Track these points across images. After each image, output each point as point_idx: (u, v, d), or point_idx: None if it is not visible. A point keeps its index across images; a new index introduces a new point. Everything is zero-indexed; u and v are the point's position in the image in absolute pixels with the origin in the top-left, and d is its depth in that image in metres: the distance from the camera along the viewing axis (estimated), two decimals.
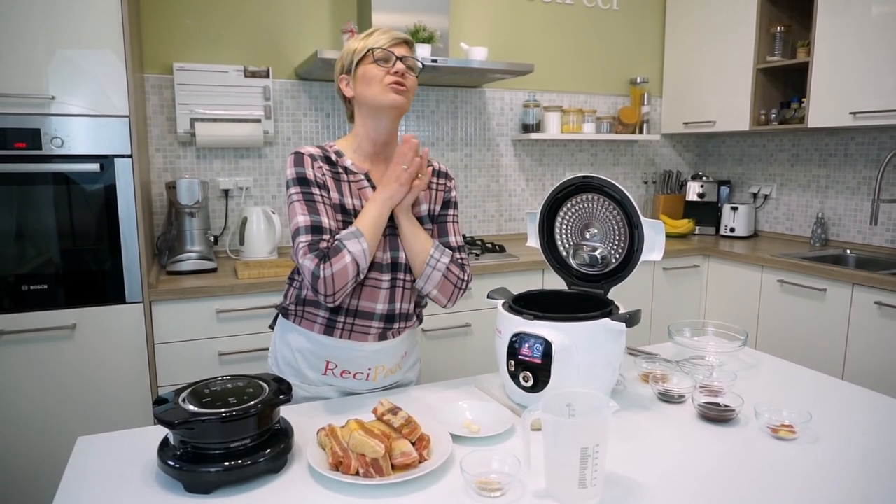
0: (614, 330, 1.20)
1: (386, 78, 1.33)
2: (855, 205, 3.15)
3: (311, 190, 1.31)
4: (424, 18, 2.80)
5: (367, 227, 1.29)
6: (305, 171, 1.32)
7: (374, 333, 1.38)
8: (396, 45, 1.36)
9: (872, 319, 2.43)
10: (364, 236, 1.27)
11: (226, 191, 2.81)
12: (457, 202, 1.50)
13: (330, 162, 1.37)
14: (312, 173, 1.32)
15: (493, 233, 3.44)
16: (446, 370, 2.65)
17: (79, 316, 2.06)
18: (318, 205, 1.30)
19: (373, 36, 1.36)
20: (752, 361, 1.59)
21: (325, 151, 1.38)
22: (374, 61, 1.33)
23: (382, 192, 1.31)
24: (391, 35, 1.36)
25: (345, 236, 1.27)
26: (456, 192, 1.50)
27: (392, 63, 1.34)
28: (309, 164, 1.32)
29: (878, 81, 2.63)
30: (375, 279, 1.35)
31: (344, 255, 1.24)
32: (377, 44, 1.34)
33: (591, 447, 0.90)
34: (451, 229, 1.47)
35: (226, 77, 2.70)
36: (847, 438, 1.16)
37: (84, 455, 1.09)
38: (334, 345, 1.38)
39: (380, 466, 0.98)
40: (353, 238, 1.26)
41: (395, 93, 1.33)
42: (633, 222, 1.33)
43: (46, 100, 1.94)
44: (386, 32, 1.36)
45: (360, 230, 1.28)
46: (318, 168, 1.33)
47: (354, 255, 1.25)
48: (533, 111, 3.29)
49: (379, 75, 1.33)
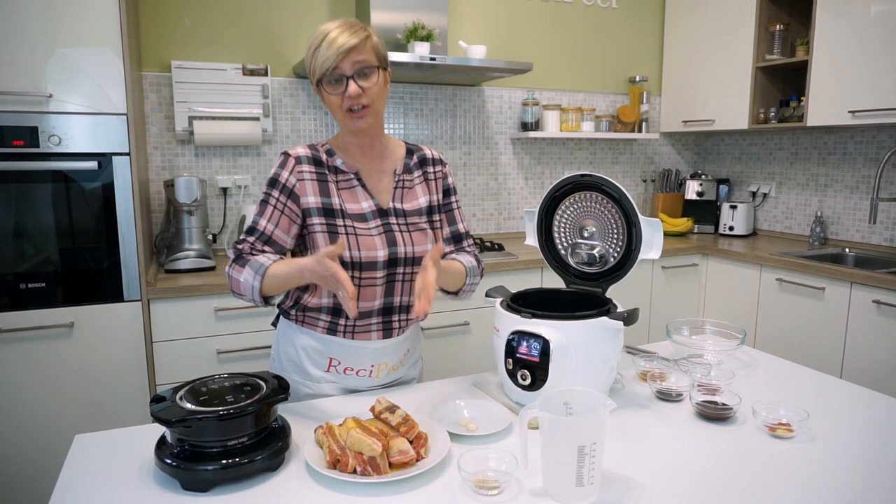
0: (612, 328, 1.21)
1: (343, 104, 1.28)
2: (854, 203, 3.15)
3: (271, 192, 1.32)
4: (423, 16, 2.79)
5: (272, 273, 1.24)
6: (281, 172, 1.32)
7: (376, 330, 1.38)
8: (343, 59, 1.25)
9: (871, 318, 2.44)
10: (262, 278, 1.24)
11: (224, 189, 2.81)
12: (455, 186, 1.51)
13: (318, 163, 1.35)
14: (286, 176, 1.32)
15: (491, 231, 3.44)
16: (444, 369, 2.65)
17: (77, 314, 2.06)
18: (267, 206, 1.31)
19: (318, 54, 1.26)
20: (749, 360, 1.60)
21: (315, 152, 1.36)
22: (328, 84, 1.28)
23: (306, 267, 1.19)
24: (335, 50, 1.24)
25: (253, 264, 1.26)
26: (451, 175, 1.49)
27: (344, 87, 1.27)
28: (289, 167, 1.32)
29: (876, 80, 2.63)
30: (370, 277, 1.34)
31: (241, 273, 1.27)
32: (322, 69, 1.26)
33: (589, 445, 0.90)
34: (458, 216, 1.50)
35: (224, 75, 2.69)
36: (845, 437, 1.16)
37: (81, 453, 1.09)
38: (338, 342, 1.38)
39: (377, 465, 0.98)
40: (252, 272, 1.25)
41: (355, 120, 1.30)
42: (631, 221, 1.33)
43: (44, 98, 1.94)
44: (331, 43, 1.25)
45: (264, 270, 1.24)
46: (298, 172, 1.32)
47: (243, 282, 1.27)
48: (532, 109, 3.28)
49: (337, 102, 1.29)
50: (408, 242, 1.37)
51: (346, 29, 1.27)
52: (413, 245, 1.37)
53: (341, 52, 1.25)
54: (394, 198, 1.40)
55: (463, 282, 1.43)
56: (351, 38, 1.25)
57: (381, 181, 1.40)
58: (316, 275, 1.18)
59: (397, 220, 1.38)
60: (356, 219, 1.34)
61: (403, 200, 1.41)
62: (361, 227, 1.33)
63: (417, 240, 1.38)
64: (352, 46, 1.25)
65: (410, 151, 1.46)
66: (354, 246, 1.31)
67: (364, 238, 1.32)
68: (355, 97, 1.27)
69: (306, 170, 1.33)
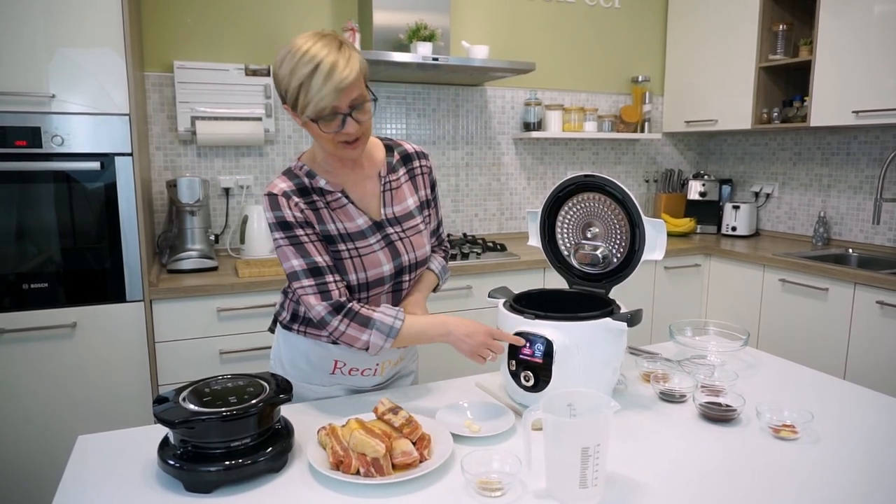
0: (615, 329, 1.20)
1: (336, 137, 1.20)
2: (857, 204, 3.14)
3: (295, 233, 1.24)
4: (425, 17, 2.79)
5: (406, 335, 1.24)
6: (283, 213, 1.23)
7: None
8: (341, 97, 1.15)
9: (874, 319, 2.43)
10: (394, 341, 1.23)
11: (226, 189, 2.81)
12: (436, 178, 1.51)
13: (304, 192, 1.27)
14: (291, 214, 1.24)
15: (493, 231, 3.44)
16: (446, 369, 2.64)
17: (79, 314, 2.06)
18: (306, 245, 1.24)
19: (310, 91, 1.14)
20: (753, 361, 1.59)
21: (296, 179, 1.28)
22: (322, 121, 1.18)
23: (453, 332, 1.23)
24: (333, 88, 1.13)
25: (380, 325, 1.22)
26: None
27: (340, 124, 1.18)
28: (285, 205, 1.23)
29: (880, 80, 2.62)
30: (377, 292, 1.35)
31: (364, 332, 1.23)
32: (318, 108, 1.15)
33: (593, 447, 0.90)
34: (439, 208, 1.51)
35: (226, 75, 2.69)
36: (849, 439, 1.15)
37: (84, 454, 1.09)
38: (342, 347, 1.36)
39: (380, 466, 0.98)
40: (383, 335, 1.22)
41: (349, 150, 1.23)
42: (634, 221, 1.32)
43: (47, 98, 1.94)
44: (326, 80, 1.12)
45: (397, 334, 1.22)
46: (295, 206, 1.24)
47: (371, 343, 1.23)
48: (534, 110, 3.28)
49: (329, 138, 1.20)
50: (409, 249, 1.37)
51: (334, 53, 1.14)
52: (415, 250, 1.38)
53: (340, 89, 1.14)
54: (383, 202, 1.35)
55: (436, 284, 1.50)
56: (347, 72, 1.14)
57: (366, 188, 1.35)
58: (468, 349, 1.23)
59: (394, 229, 1.35)
60: (357, 237, 1.30)
61: (393, 203, 1.37)
62: (363, 245, 1.30)
63: (417, 244, 1.38)
64: (351, 83, 1.15)
65: (390, 149, 1.40)
66: (360, 268, 1.29)
67: (368, 257, 1.30)
68: (353, 135, 1.21)
69: (298, 201, 1.26)
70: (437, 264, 1.50)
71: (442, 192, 3.26)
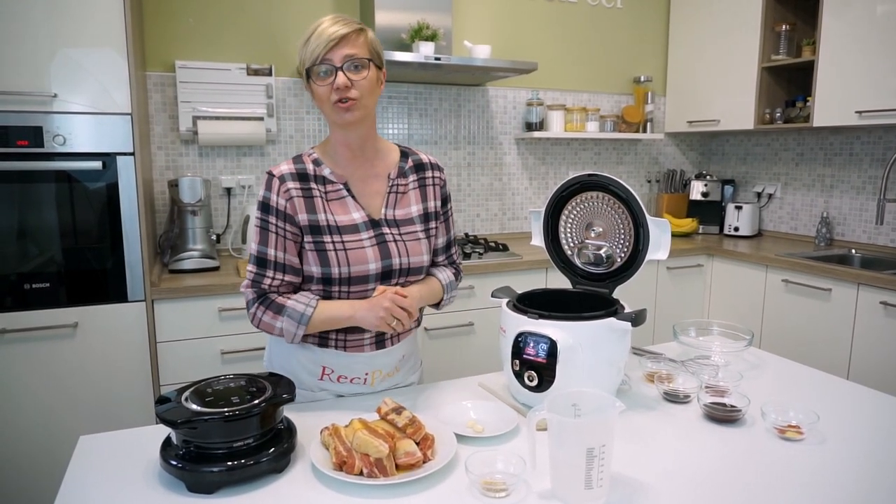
0: (619, 329, 1.20)
1: (332, 96, 1.24)
2: (860, 204, 3.13)
3: (267, 218, 1.28)
4: (427, 16, 2.79)
5: (317, 320, 1.27)
6: (270, 196, 1.28)
7: (369, 344, 1.36)
8: (334, 49, 1.22)
9: (878, 319, 2.42)
10: (305, 327, 1.27)
11: (228, 189, 2.81)
12: (450, 195, 1.48)
13: (303, 177, 1.30)
14: (276, 199, 1.27)
15: (495, 231, 3.43)
16: (449, 370, 2.64)
17: (81, 314, 2.05)
18: (269, 234, 1.28)
19: (309, 45, 1.23)
20: (757, 361, 1.58)
21: (300, 165, 1.31)
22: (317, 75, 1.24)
23: (357, 312, 1.26)
24: (327, 37, 1.21)
25: (290, 311, 1.26)
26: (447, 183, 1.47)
27: (333, 76, 1.23)
28: (275, 189, 1.28)
29: (883, 80, 2.62)
30: (361, 291, 1.31)
31: (277, 320, 1.27)
32: (313, 56, 1.22)
33: (598, 447, 0.90)
34: (451, 225, 1.49)
35: (228, 75, 2.69)
36: (854, 439, 1.15)
37: (86, 454, 1.08)
38: (331, 352, 1.35)
39: (384, 466, 0.97)
40: (294, 321, 1.26)
41: (342, 112, 1.25)
42: (638, 221, 1.32)
43: (49, 97, 1.94)
44: (321, 34, 1.22)
45: (308, 321, 1.26)
46: (285, 192, 1.28)
47: (284, 330, 1.27)
48: (536, 109, 3.28)
49: (325, 94, 1.24)
50: (402, 253, 1.33)
51: (338, 20, 1.24)
52: (408, 255, 1.34)
53: (331, 40, 1.21)
54: (387, 203, 1.35)
55: (441, 297, 1.44)
56: (342, 28, 1.22)
57: (372, 186, 1.35)
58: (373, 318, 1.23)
59: (391, 231, 1.34)
60: (347, 231, 1.30)
61: (396, 207, 1.36)
62: (352, 239, 1.29)
63: (413, 250, 1.35)
64: (342, 36, 1.22)
65: (405, 155, 1.41)
66: (343, 262, 1.28)
67: (354, 252, 1.29)
68: (343, 88, 1.23)
69: (292, 187, 1.28)
70: (445, 276, 1.45)
71: None
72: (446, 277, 1.45)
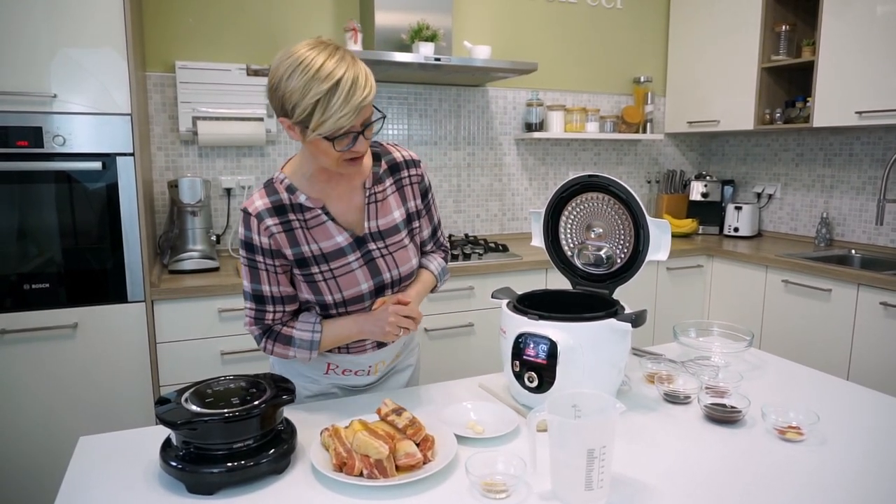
0: (620, 330, 1.20)
1: (344, 155, 1.15)
2: (860, 205, 3.13)
3: (254, 257, 1.25)
4: (427, 17, 2.79)
5: (326, 343, 1.31)
6: (252, 235, 1.23)
7: (371, 346, 1.38)
8: (360, 116, 1.11)
9: (878, 320, 2.42)
10: (316, 352, 1.30)
11: (228, 190, 2.81)
12: (430, 183, 1.42)
13: (280, 210, 1.24)
14: (258, 239, 1.23)
15: (495, 232, 3.43)
16: (449, 370, 2.64)
17: (81, 315, 2.05)
18: (260, 272, 1.26)
19: (329, 110, 1.07)
20: (757, 362, 1.58)
21: (274, 196, 1.24)
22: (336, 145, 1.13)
23: (363, 327, 1.29)
24: (353, 107, 1.08)
25: (299, 342, 1.29)
26: (426, 173, 1.40)
27: (352, 142, 1.13)
28: (255, 229, 1.22)
29: (883, 80, 2.62)
30: (358, 309, 1.33)
31: (289, 350, 1.30)
32: (336, 127, 1.09)
33: (598, 448, 0.90)
34: (434, 212, 1.45)
35: (228, 75, 2.69)
36: (855, 440, 1.15)
37: (86, 455, 1.08)
38: (334, 355, 1.38)
39: (384, 468, 0.97)
40: (304, 349, 1.29)
41: (350, 166, 1.19)
42: (638, 222, 1.32)
43: (48, 98, 1.94)
44: (347, 100, 1.07)
45: (318, 346, 1.29)
46: (266, 231, 1.22)
47: (297, 357, 1.30)
48: (536, 110, 3.27)
49: (334, 154, 1.14)
50: (392, 266, 1.33)
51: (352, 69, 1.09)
52: (398, 267, 1.34)
53: (362, 107, 1.09)
54: (368, 216, 1.30)
55: (435, 285, 1.47)
56: (367, 90, 1.10)
57: (351, 202, 1.30)
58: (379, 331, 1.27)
59: (377, 245, 1.31)
60: (333, 257, 1.27)
61: (378, 216, 1.31)
62: (339, 265, 1.27)
63: (401, 259, 1.34)
64: (366, 99, 1.10)
65: (377, 157, 1.33)
66: (335, 289, 1.28)
67: (344, 278, 1.28)
68: (363, 153, 1.18)
69: (271, 224, 1.23)
70: (436, 265, 1.46)
71: (444, 192, 3.26)
72: (437, 266, 1.46)
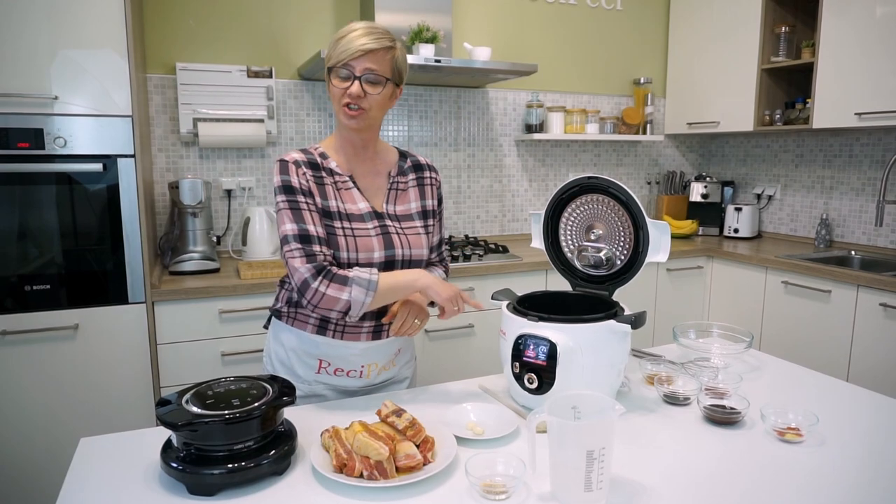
0: (619, 331, 1.20)
1: (342, 98, 1.30)
2: (860, 206, 3.14)
3: (296, 198, 1.30)
4: (428, 18, 2.79)
5: (384, 287, 1.26)
6: (290, 178, 1.30)
7: (367, 332, 1.39)
8: (359, 59, 1.27)
9: (878, 321, 2.42)
10: (375, 293, 1.25)
11: (228, 191, 2.81)
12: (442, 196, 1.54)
13: (314, 166, 1.35)
14: (297, 181, 1.30)
15: (495, 233, 3.43)
16: (449, 372, 2.64)
17: (81, 316, 2.05)
18: (304, 213, 1.29)
19: (338, 46, 1.28)
20: (757, 363, 1.59)
21: (309, 155, 1.36)
22: (337, 76, 1.30)
23: (429, 282, 1.28)
24: (356, 47, 1.26)
25: (358, 280, 1.24)
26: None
27: (350, 82, 1.28)
28: (293, 172, 1.31)
29: (883, 82, 2.62)
30: None
31: (344, 291, 1.24)
32: (338, 58, 1.28)
33: (598, 450, 0.90)
34: (442, 225, 1.54)
35: (229, 77, 2.69)
36: (854, 442, 1.15)
37: (87, 456, 1.09)
38: (327, 343, 1.38)
39: (384, 469, 0.98)
40: (363, 288, 1.24)
41: (348, 117, 1.31)
42: (638, 223, 1.32)
43: (49, 99, 1.94)
44: (351, 41, 1.27)
45: (376, 286, 1.25)
46: (303, 175, 1.32)
47: (353, 300, 1.24)
48: (536, 111, 3.28)
49: (338, 94, 1.30)
50: (405, 245, 1.38)
51: (372, 32, 1.29)
52: (410, 247, 1.39)
53: (358, 51, 1.26)
54: (388, 199, 1.41)
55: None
56: (372, 43, 1.27)
57: (374, 182, 1.42)
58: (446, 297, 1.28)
59: (393, 224, 1.39)
60: (355, 219, 1.35)
61: (397, 203, 1.42)
62: (360, 227, 1.34)
63: (414, 242, 1.40)
64: (370, 50, 1.27)
65: (403, 155, 1.48)
66: (353, 247, 1.32)
67: (362, 239, 1.33)
68: (355, 97, 1.28)
69: (307, 171, 1.33)
70: (439, 275, 1.51)
71: (444, 193, 3.25)
72: (440, 276, 1.51)
